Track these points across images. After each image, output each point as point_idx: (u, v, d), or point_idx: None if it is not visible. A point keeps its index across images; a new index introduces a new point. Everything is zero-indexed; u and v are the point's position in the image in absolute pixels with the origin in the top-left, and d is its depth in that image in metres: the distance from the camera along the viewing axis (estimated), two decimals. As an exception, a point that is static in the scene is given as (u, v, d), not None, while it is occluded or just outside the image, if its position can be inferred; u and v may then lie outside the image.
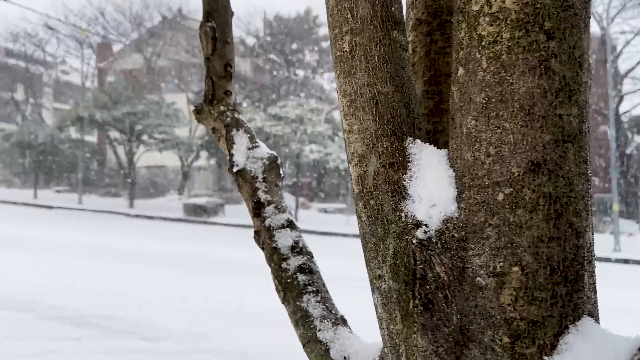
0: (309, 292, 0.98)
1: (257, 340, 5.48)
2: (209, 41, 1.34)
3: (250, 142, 1.27)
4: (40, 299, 6.74)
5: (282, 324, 6.56)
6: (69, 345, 5.13)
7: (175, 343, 5.35)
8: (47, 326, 5.67)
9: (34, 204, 21.37)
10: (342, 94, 0.72)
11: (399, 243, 0.63)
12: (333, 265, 9.97)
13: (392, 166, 0.67)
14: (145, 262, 10.22)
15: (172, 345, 5.29)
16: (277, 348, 5.27)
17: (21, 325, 5.64)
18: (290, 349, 5.50)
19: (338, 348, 0.88)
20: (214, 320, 6.24)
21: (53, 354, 4.82)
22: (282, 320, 5.41)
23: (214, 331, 5.76)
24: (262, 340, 5.50)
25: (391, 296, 0.63)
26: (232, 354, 5.08)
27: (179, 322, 6.03)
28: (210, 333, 5.69)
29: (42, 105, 32.92)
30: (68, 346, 5.09)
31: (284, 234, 1.09)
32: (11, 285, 7.43)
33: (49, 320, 5.90)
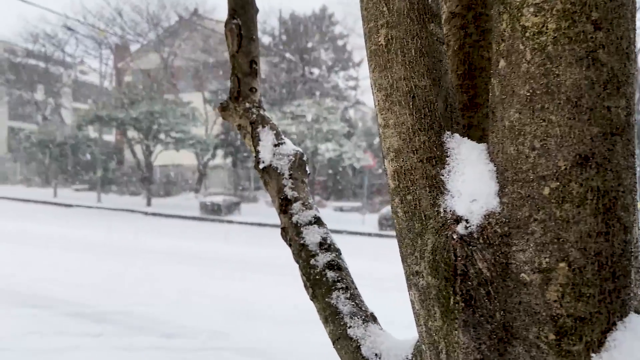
0: (338, 289, 0.97)
1: (274, 338, 5.50)
2: (235, 38, 1.34)
3: (276, 138, 1.26)
4: (61, 296, 6.86)
5: (299, 322, 6.63)
6: (89, 341, 5.21)
7: (193, 340, 5.40)
8: (68, 322, 5.77)
9: (54, 203, 21.74)
10: (377, 88, 0.71)
11: (438, 239, 0.62)
12: (349, 264, 9.96)
13: (429, 161, 0.66)
14: (162, 259, 10.33)
15: (190, 342, 5.34)
16: (294, 346, 5.29)
17: (43, 321, 5.74)
18: (308, 348, 5.52)
19: (369, 345, 0.87)
20: (231, 317, 6.28)
21: (75, 350, 4.91)
22: (299, 318, 5.49)
23: (231, 329, 5.80)
24: (278, 338, 5.52)
25: (430, 292, 0.62)
26: (249, 352, 5.10)
27: (196, 320, 6.08)
28: (227, 330, 5.73)
29: (62, 105, 33.46)
30: (89, 342, 5.17)
31: (312, 231, 1.08)
32: (33, 282, 7.57)
33: (69, 317, 6.00)
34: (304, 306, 7.30)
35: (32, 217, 17.22)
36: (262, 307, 6.84)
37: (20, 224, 14.74)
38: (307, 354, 5.05)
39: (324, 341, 4.50)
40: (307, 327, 5.96)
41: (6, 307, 6.30)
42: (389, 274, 9.04)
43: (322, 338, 4.51)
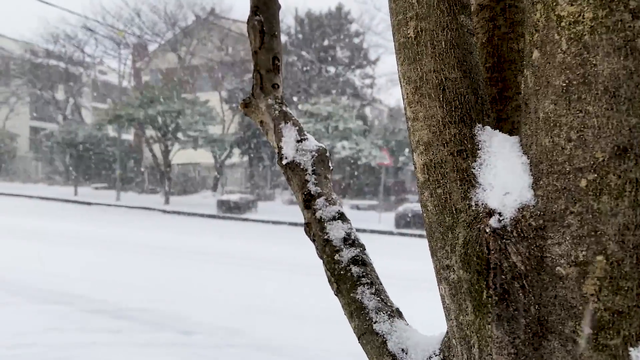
0: (363, 284, 0.97)
1: (290, 336, 5.51)
2: (257, 35, 1.34)
3: (299, 135, 1.27)
4: (81, 292, 6.97)
5: (314, 320, 6.63)
6: (109, 337, 5.28)
7: (210, 337, 5.44)
8: (88, 319, 5.86)
9: (74, 201, 22.11)
10: (406, 81, 0.71)
11: (470, 232, 0.61)
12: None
13: (460, 154, 0.66)
14: (180, 257, 10.43)
15: (207, 339, 5.38)
16: (310, 343, 5.30)
17: (63, 317, 5.84)
18: (324, 345, 5.52)
19: (395, 340, 0.87)
20: (248, 314, 6.31)
21: (94, 346, 4.98)
22: (315, 315, 5.49)
23: (247, 326, 5.83)
24: (294, 336, 5.53)
25: (461, 286, 0.62)
26: (265, 349, 5.13)
27: (213, 317, 6.13)
28: (244, 327, 5.76)
29: (82, 105, 34.02)
30: (108, 338, 5.25)
31: (336, 226, 1.08)
32: (53, 279, 7.71)
33: (89, 313, 6.09)
34: (320, 304, 7.34)
35: (54, 214, 17.54)
36: (279, 304, 6.86)
37: (41, 222, 15.04)
38: (323, 350, 5.06)
39: (339, 339, 4.53)
40: (323, 324, 5.97)
41: (27, 303, 6.43)
42: (406, 273, 9.00)
43: (337, 335, 4.54)
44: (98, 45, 31.40)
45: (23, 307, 6.23)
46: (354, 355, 4.96)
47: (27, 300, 6.56)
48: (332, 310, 6.92)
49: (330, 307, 7.07)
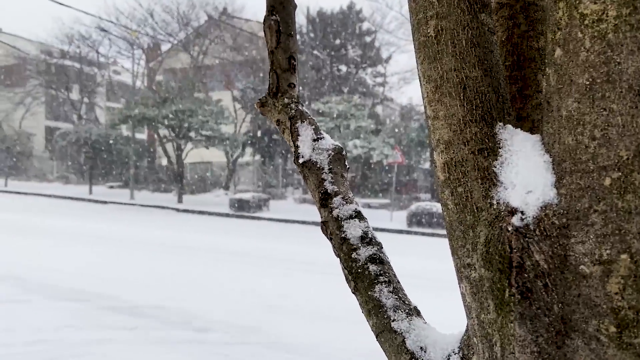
0: (380, 282, 0.97)
1: (303, 334, 5.53)
2: (273, 34, 1.35)
3: (315, 133, 1.27)
4: (97, 290, 7.05)
5: (326, 319, 6.63)
6: (124, 334, 5.34)
7: (224, 335, 5.47)
8: (104, 316, 5.93)
9: (89, 199, 22.39)
10: (427, 79, 0.71)
11: (492, 231, 0.61)
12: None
13: (481, 152, 0.66)
14: (194, 255, 10.51)
15: (221, 337, 5.42)
16: (321, 341, 5.30)
17: (79, 315, 5.91)
18: (337, 343, 5.52)
19: (414, 338, 0.87)
20: (262, 313, 6.34)
21: (110, 343, 5.04)
22: (327, 314, 5.49)
23: (261, 324, 5.86)
24: (307, 334, 5.54)
25: (482, 285, 0.62)
26: (278, 347, 5.14)
27: (227, 314, 6.16)
28: (257, 325, 5.78)
29: (96, 105, 34.43)
30: (124, 335, 5.30)
31: (353, 225, 1.08)
32: (70, 276, 7.81)
33: (105, 310, 6.16)
34: (333, 302, 7.35)
35: (69, 213, 17.78)
36: (292, 302, 6.89)
37: (57, 220, 15.25)
38: (335, 349, 5.07)
39: (351, 337, 4.53)
40: (336, 323, 5.98)
41: (44, 300, 6.52)
42: (418, 271, 8.97)
43: (349, 334, 4.55)
44: (112, 46, 31.80)
45: (40, 304, 6.31)
46: (365, 354, 4.97)
47: (44, 297, 6.65)
48: (345, 309, 6.92)
49: (343, 305, 7.07)
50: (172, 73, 29.09)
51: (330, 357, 4.90)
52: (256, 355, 4.87)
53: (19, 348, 4.75)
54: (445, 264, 11.01)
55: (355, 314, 5.86)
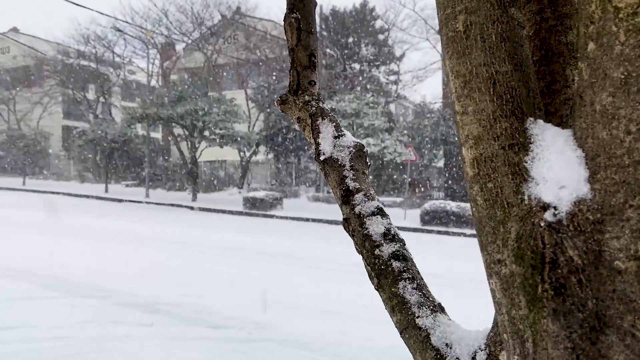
0: (404, 279, 0.97)
1: (319, 331, 5.53)
2: (294, 32, 1.35)
3: (336, 130, 1.27)
4: (114, 286, 7.14)
5: (342, 316, 6.60)
6: (142, 330, 5.40)
7: (240, 331, 5.50)
8: (122, 312, 6.00)
9: (106, 198, 22.67)
10: (455, 75, 0.71)
11: (523, 226, 0.61)
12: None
13: (512, 147, 0.65)
14: (209, 252, 10.58)
15: (237, 333, 5.44)
16: (337, 338, 5.31)
17: (98, 311, 5.99)
18: (353, 341, 5.50)
19: (439, 335, 0.87)
20: (277, 309, 6.36)
21: (128, 339, 5.10)
22: (342, 311, 5.47)
23: (276, 320, 5.88)
24: (323, 331, 5.55)
25: (514, 281, 0.61)
26: (293, 344, 5.16)
27: (243, 311, 6.19)
28: (272, 322, 5.80)
29: (112, 104, 34.84)
30: (141, 331, 5.36)
31: (375, 221, 1.08)
32: (88, 273, 7.92)
33: (123, 307, 6.23)
34: (349, 300, 7.32)
35: (86, 211, 18.03)
36: (307, 300, 6.90)
37: (75, 218, 15.47)
38: (351, 346, 5.06)
39: (367, 335, 4.51)
40: (352, 320, 5.98)
41: (64, 297, 6.61)
42: (433, 269, 8.92)
43: (364, 331, 4.52)
44: (127, 46, 32.10)
45: (59, 300, 6.40)
46: (381, 351, 4.96)
47: (62, 294, 6.75)
48: (360, 306, 6.90)
49: (358, 303, 7.05)
50: (186, 72, 29.31)
51: (348, 354, 4.90)
52: (273, 352, 4.89)
53: (39, 344, 4.82)
54: (459, 262, 11.09)
55: (370, 311, 5.91)
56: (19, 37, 39.86)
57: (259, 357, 4.74)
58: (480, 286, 6.85)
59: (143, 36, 29.10)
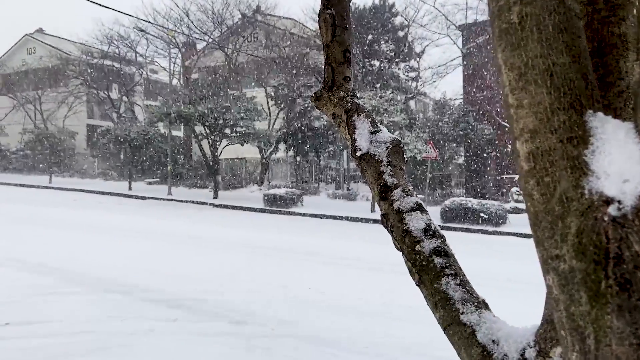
0: (447, 275, 0.96)
1: (339, 328, 5.53)
2: (329, 28, 1.35)
3: (372, 126, 1.27)
4: (138, 282, 7.24)
5: (362, 313, 6.57)
6: (165, 325, 5.46)
7: (262, 327, 5.52)
8: (146, 308, 6.07)
9: (129, 195, 23.04)
10: (509, 67, 0.69)
11: (584, 221, 0.59)
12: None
13: (570, 141, 0.64)
14: (231, 249, 10.67)
15: (259, 330, 5.47)
16: (360, 335, 5.30)
17: (123, 306, 6.07)
18: (374, 338, 5.47)
19: (485, 331, 0.86)
20: (298, 306, 6.37)
21: (152, 333, 5.17)
22: (363, 309, 5.44)
23: (297, 317, 5.88)
24: (345, 328, 5.55)
25: (574, 276, 0.60)
26: (314, 340, 5.15)
27: (264, 308, 6.22)
28: (294, 319, 5.81)
29: (135, 103, 35.38)
30: (165, 326, 5.43)
31: (415, 217, 1.08)
32: (113, 269, 8.05)
33: (146, 302, 6.31)
34: (368, 297, 7.29)
35: (111, 208, 18.35)
36: (328, 296, 6.90)
37: (100, 215, 15.77)
38: (372, 343, 5.05)
39: (388, 332, 4.47)
40: (373, 317, 5.96)
41: (89, 292, 6.72)
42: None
43: (386, 329, 4.49)
44: (149, 45, 32.56)
45: (85, 296, 6.51)
46: (404, 348, 4.93)
47: (89, 289, 6.87)
48: (381, 304, 6.86)
49: (380, 300, 7.02)
50: (207, 71, 29.57)
51: (369, 351, 4.88)
52: (294, 348, 4.91)
53: (66, 338, 4.89)
54: (481, 259, 10.92)
55: (391, 308, 5.89)
56: (45, 38, 40.77)
57: (280, 353, 4.76)
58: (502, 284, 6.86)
59: (165, 36, 29.46)
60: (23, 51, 41.44)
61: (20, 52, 41.60)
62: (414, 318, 5.94)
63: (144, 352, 4.64)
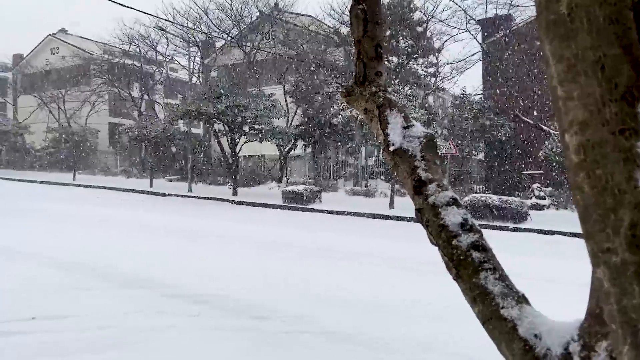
0: (485, 270, 0.96)
1: (359, 324, 5.52)
2: (360, 23, 1.35)
3: (405, 121, 1.27)
4: (160, 278, 7.31)
5: (382, 310, 6.53)
6: (187, 321, 5.50)
7: (282, 323, 5.53)
8: (167, 303, 6.12)
9: (150, 192, 23.37)
10: (557, 59, 0.69)
11: (638, 214, 0.59)
12: (435, 252, 9.77)
13: (622, 133, 0.63)
14: (251, 246, 10.74)
15: (279, 326, 5.48)
16: (381, 332, 5.28)
17: (144, 301, 6.13)
18: (397, 334, 5.46)
19: (527, 326, 0.86)
20: (318, 303, 6.37)
21: (174, 329, 5.21)
22: (385, 305, 5.41)
23: (317, 313, 5.88)
24: (363, 324, 5.53)
25: (626, 269, 0.60)
26: (334, 336, 5.15)
27: (284, 304, 6.23)
28: (313, 315, 5.80)
29: (155, 101, 35.83)
30: (186, 322, 5.47)
31: (451, 212, 1.07)
32: (135, 265, 8.16)
33: (167, 298, 6.37)
34: (387, 293, 7.25)
35: (133, 205, 18.64)
36: (347, 293, 6.90)
37: (122, 212, 16.02)
38: (394, 340, 5.03)
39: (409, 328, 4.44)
40: (390, 314, 5.94)
41: (113, 288, 6.79)
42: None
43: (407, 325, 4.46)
44: (169, 44, 32.83)
45: (108, 291, 6.56)
46: (422, 344, 4.91)
47: (111, 284, 6.93)
48: (400, 300, 6.83)
49: (399, 296, 6.98)
50: (226, 69, 29.77)
51: (387, 347, 4.86)
52: (313, 345, 4.91)
53: (89, 332, 4.93)
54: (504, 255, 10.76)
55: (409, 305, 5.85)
56: (67, 38, 41.52)
57: (300, 349, 4.77)
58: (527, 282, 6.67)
59: (184, 34, 29.74)
60: (47, 51, 42.28)
61: (44, 52, 42.46)
62: (434, 315, 5.91)
63: (166, 346, 4.70)
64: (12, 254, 8.81)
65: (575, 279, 7.53)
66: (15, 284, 6.86)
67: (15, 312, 5.52)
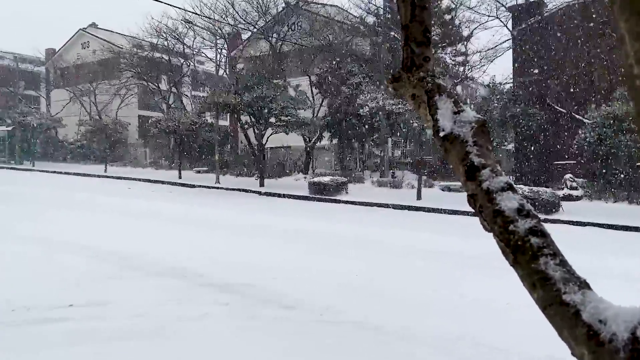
0: (545, 255, 0.94)
1: (387, 315, 5.51)
2: (408, 8, 1.34)
3: (455, 106, 1.25)
4: (192, 268, 7.42)
5: (409, 301, 6.48)
6: (219, 310, 5.59)
7: (311, 313, 5.56)
8: (200, 293, 6.21)
9: (180, 184, 23.76)
10: (634, 37, 0.67)
11: None
12: (463, 244, 9.66)
13: None
14: (280, 236, 10.82)
15: (308, 315, 5.51)
16: (410, 322, 5.26)
17: (178, 291, 6.23)
18: (420, 325, 5.41)
19: (591, 311, 0.84)
20: (346, 293, 6.38)
21: (207, 317, 5.30)
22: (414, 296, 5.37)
23: (345, 303, 5.88)
24: (391, 315, 5.52)
25: None
26: (362, 326, 5.15)
27: (313, 294, 6.26)
28: (341, 305, 5.80)
29: (183, 94, 36.29)
30: (219, 311, 5.55)
31: (507, 197, 1.06)
32: (168, 255, 8.30)
33: (200, 287, 6.47)
34: (415, 286, 7.20)
35: (163, 196, 18.98)
36: (376, 284, 6.89)
37: (153, 203, 16.34)
38: (419, 332, 5.00)
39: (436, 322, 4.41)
40: (418, 306, 5.90)
41: (146, 277, 6.94)
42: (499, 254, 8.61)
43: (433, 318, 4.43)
44: (196, 37, 33.12)
45: (142, 281, 6.71)
46: (455, 338, 4.87)
47: (145, 274, 7.08)
48: (429, 292, 6.77)
49: (427, 289, 6.92)
50: (252, 61, 29.88)
51: (417, 339, 4.84)
52: (344, 335, 4.92)
53: (124, 321, 5.03)
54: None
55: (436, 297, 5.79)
56: (98, 32, 42.35)
57: (331, 339, 4.79)
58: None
59: (211, 27, 29.94)
60: (78, 45, 43.25)
61: (75, 46, 43.44)
62: (464, 307, 5.86)
63: (197, 335, 4.78)
64: (52, 245, 9.11)
65: (617, 274, 7.29)
66: (53, 271, 7.10)
67: (53, 300, 5.71)
